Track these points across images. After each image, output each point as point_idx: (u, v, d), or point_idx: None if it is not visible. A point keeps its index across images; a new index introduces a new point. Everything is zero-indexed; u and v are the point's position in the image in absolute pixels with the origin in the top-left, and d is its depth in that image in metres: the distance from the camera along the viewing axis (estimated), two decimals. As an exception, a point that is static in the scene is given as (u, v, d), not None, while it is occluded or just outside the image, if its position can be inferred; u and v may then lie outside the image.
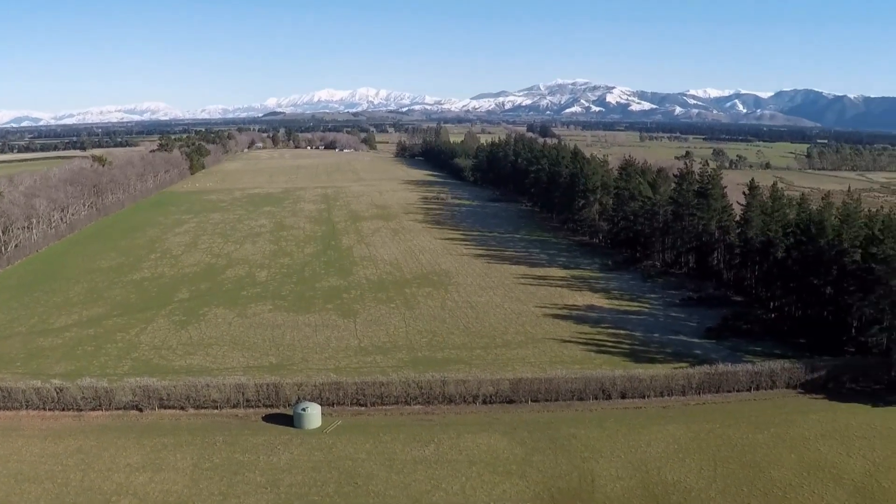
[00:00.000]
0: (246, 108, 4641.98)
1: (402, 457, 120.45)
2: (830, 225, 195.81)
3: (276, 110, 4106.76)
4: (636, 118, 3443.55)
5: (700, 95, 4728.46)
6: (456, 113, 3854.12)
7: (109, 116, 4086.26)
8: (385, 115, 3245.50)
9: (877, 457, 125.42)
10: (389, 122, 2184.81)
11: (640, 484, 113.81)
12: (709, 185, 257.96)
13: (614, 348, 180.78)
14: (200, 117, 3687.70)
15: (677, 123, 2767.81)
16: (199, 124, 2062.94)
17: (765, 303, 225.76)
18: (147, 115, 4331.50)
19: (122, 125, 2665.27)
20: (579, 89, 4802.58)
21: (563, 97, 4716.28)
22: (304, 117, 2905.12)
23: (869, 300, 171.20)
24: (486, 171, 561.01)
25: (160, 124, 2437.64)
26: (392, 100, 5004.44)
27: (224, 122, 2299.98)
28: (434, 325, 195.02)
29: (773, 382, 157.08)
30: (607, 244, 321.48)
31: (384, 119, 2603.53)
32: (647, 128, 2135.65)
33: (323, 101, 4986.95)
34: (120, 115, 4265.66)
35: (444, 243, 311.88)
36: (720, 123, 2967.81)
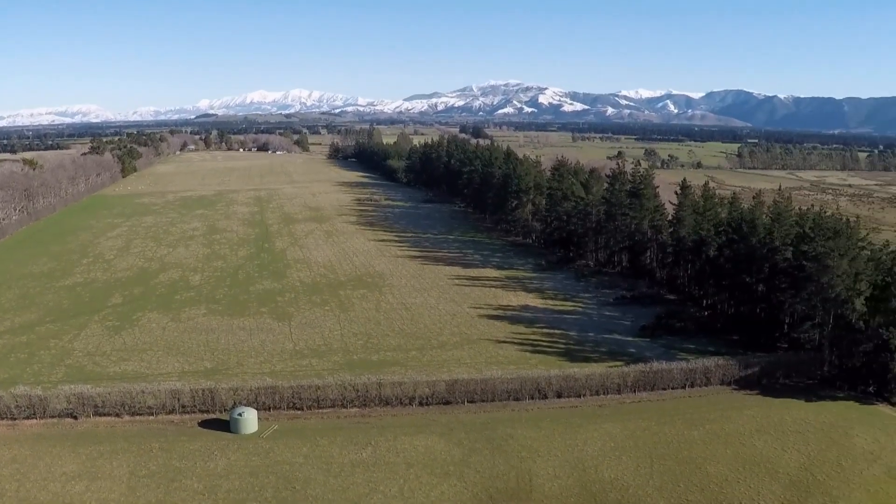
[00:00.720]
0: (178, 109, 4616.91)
1: (339, 460, 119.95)
2: (762, 223, 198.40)
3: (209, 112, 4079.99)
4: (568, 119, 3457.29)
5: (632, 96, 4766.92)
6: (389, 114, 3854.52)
7: (40, 119, 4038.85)
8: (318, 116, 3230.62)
9: (811, 450, 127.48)
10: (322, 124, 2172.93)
11: (577, 482, 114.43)
12: (641, 184, 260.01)
13: (549, 348, 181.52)
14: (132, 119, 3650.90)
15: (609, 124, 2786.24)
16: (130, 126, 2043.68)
17: (698, 301, 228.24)
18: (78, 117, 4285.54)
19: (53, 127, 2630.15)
20: (512, 90, 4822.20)
21: (496, 98, 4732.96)
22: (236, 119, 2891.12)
23: (801, 297, 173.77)
24: (419, 173, 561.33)
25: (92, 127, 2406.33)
26: (325, 101, 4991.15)
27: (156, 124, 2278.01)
28: (369, 328, 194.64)
29: (707, 379, 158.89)
30: (541, 244, 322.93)
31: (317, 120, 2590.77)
32: (580, 128, 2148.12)
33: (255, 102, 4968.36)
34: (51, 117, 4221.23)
35: (377, 245, 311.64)
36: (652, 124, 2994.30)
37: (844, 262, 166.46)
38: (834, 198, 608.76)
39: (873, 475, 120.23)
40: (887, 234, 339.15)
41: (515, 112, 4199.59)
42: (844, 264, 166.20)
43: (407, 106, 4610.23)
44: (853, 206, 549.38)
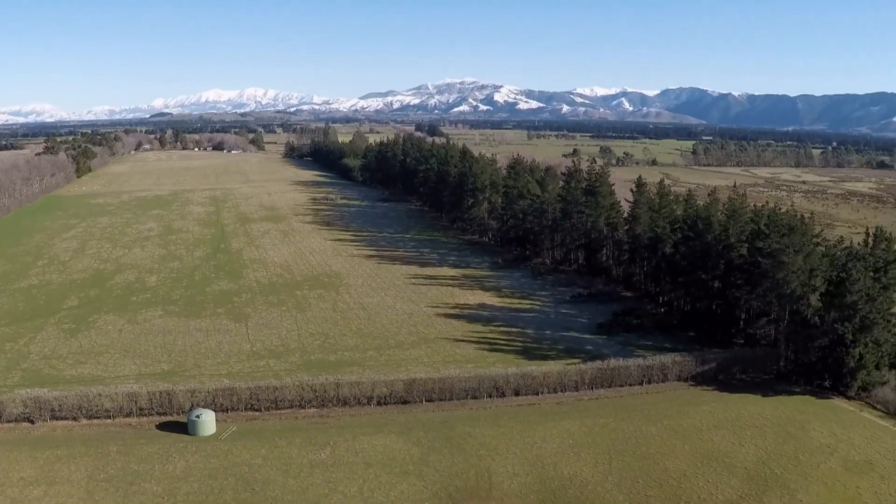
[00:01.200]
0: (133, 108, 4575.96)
1: (298, 461, 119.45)
2: (717, 221, 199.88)
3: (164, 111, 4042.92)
4: (524, 116, 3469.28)
5: (587, 94, 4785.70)
6: (344, 113, 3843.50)
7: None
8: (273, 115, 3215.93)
9: (768, 445, 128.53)
10: (278, 123, 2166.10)
11: (536, 480, 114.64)
12: (597, 182, 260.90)
13: (507, 346, 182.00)
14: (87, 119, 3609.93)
15: (565, 122, 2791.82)
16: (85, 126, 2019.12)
17: (654, 298, 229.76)
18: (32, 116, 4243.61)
19: (6, 127, 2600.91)
20: (467, 88, 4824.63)
21: (452, 96, 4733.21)
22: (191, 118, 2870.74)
23: (756, 293, 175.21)
24: (375, 171, 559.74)
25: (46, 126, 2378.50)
26: (280, 100, 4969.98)
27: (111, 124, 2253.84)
28: (326, 328, 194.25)
29: (664, 376, 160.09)
30: (497, 242, 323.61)
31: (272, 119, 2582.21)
32: (535, 126, 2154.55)
33: (210, 101, 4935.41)
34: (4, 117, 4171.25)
35: (334, 244, 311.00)
36: (607, 121, 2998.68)
37: (799, 258, 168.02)
38: (788, 194, 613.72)
39: (830, 468, 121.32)
40: (841, 230, 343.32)
41: (471, 110, 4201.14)
42: (799, 260, 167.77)
43: (363, 104, 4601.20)
44: (807, 202, 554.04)
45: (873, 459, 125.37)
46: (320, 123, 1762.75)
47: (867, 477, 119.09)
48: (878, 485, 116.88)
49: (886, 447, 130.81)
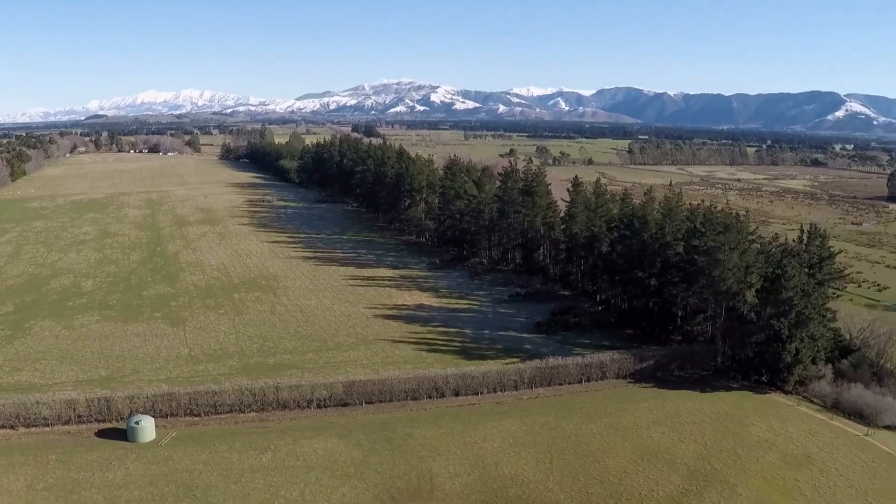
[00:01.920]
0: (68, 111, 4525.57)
1: (239, 466, 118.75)
2: (653, 219, 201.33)
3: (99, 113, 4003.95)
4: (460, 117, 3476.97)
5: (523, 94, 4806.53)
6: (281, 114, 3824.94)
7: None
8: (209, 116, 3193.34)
9: (707, 440, 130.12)
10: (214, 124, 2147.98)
11: (478, 480, 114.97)
12: (533, 182, 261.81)
13: (446, 346, 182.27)
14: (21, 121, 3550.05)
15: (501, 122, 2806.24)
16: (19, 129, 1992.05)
17: (592, 296, 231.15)
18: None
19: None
20: (404, 89, 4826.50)
21: (388, 97, 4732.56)
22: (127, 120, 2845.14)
23: (693, 290, 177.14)
24: (311, 173, 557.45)
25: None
26: (216, 101, 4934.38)
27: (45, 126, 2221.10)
28: (264, 331, 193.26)
29: (603, 373, 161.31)
30: (434, 243, 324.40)
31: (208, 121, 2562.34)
32: (472, 126, 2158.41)
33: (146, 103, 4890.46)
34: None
35: (271, 246, 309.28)
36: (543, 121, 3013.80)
37: (735, 255, 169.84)
38: (724, 192, 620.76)
39: (769, 462, 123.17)
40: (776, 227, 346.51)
41: (408, 111, 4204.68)
42: (735, 258, 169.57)
43: (299, 105, 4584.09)
44: (742, 199, 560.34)
45: (811, 453, 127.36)
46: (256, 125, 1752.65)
47: (806, 470, 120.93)
48: (816, 477, 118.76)
49: (824, 440, 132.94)
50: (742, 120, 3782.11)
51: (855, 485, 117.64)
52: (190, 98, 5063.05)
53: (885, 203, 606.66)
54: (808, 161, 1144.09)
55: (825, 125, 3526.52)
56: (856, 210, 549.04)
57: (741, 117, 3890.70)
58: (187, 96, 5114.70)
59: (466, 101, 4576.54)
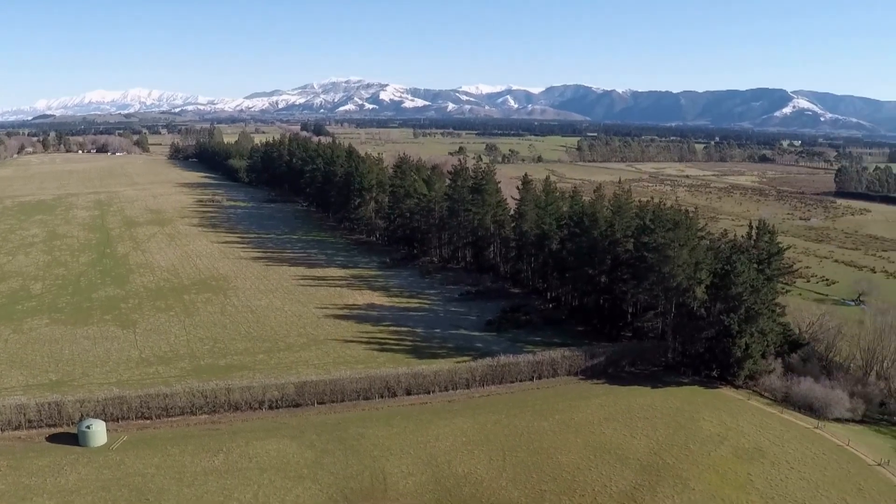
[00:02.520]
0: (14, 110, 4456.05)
1: (191, 469, 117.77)
2: (603, 216, 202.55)
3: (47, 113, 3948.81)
4: (410, 115, 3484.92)
5: (472, 92, 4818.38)
6: (230, 113, 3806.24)
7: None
8: (158, 116, 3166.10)
9: (659, 435, 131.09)
10: (162, 124, 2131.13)
11: (431, 479, 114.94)
12: (483, 180, 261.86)
13: (397, 346, 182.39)
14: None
15: (450, 120, 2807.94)
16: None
17: (542, 293, 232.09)
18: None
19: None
20: (353, 87, 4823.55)
21: (337, 95, 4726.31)
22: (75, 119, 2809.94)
23: (643, 287, 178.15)
24: (261, 172, 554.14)
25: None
26: (165, 100, 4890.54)
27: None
28: (215, 332, 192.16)
29: (554, 371, 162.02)
30: (385, 242, 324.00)
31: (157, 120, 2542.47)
32: (421, 124, 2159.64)
33: (94, 102, 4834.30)
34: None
35: (221, 247, 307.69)
36: (493, 119, 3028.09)
37: (684, 252, 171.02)
38: (672, 189, 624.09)
39: (721, 456, 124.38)
40: (725, 223, 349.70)
41: (357, 109, 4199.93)
42: (684, 254, 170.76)
43: (248, 104, 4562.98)
44: (691, 196, 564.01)
45: (763, 446, 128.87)
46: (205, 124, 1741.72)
47: (757, 463, 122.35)
48: (768, 471, 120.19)
49: (775, 434, 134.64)
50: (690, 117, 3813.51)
51: (806, 477, 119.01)
52: (138, 97, 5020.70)
53: (832, 198, 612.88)
54: (756, 157, 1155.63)
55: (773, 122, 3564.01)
56: (804, 206, 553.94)
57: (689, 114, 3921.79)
58: (135, 95, 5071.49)
59: (416, 99, 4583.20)
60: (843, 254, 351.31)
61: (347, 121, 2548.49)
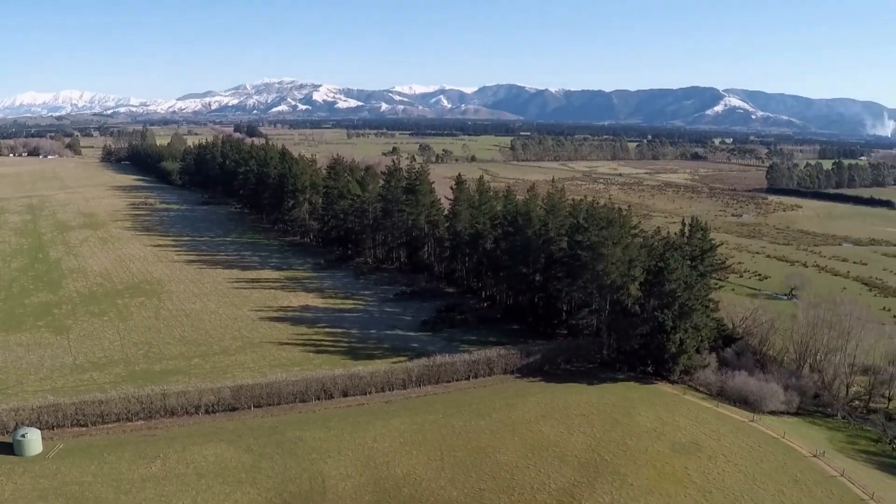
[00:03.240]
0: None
1: (129, 476, 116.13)
2: (537, 215, 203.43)
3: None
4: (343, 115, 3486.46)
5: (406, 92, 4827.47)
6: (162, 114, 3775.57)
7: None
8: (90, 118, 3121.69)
9: (596, 432, 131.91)
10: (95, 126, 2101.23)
11: (370, 480, 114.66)
12: (417, 181, 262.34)
13: (333, 347, 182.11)
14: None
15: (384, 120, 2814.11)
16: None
17: (477, 293, 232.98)
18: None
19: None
20: (286, 88, 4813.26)
21: (270, 96, 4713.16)
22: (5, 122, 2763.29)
23: (577, 285, 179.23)
24: (194, 174, 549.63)
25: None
26: (97, 102, 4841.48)
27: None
28: (150, 336, 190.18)
29: (490, 369, 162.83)
30: (319, 243, 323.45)
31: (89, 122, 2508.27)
32: (354, 125, 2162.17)
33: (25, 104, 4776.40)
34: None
35: (154, 250, 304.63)
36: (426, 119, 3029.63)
37: (618, 249, 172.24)
38: (606, 187, 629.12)
39: (658, 451, 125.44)
40: (658, 220, 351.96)
41: (290, 110, 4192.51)
42: (618, 252, 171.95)
43: (181, 105, 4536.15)
44: (625, 194, 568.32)
45: (699, 440, 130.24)
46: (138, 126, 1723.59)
47: (694, 457, 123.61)
48: (705, 464, 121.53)
49: (711, 427, 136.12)
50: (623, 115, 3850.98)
51: (743, 469, 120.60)
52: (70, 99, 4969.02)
53: (764, 195, 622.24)
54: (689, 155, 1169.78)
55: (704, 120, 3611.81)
56: (736, 202, 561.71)
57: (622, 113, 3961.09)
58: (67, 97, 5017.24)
59: (349, 99, 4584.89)
60: (775, 249, 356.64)
61: (281, 122, 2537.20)
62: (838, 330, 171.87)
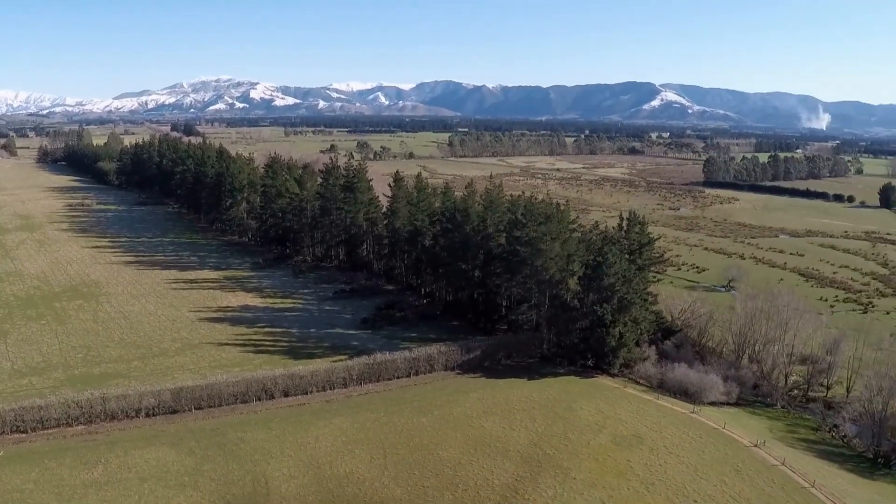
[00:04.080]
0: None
1: (70, 482, 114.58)
2: (475, 212, 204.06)
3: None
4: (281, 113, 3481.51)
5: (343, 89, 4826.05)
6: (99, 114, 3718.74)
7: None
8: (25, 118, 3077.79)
9: (538, 427, 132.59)
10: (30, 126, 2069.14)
11: (313, 480, 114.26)
12: (354, 178, 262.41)
13: (273, 347, 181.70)
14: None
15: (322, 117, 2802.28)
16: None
17: (417, 290, 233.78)
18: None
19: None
20: (223, 86, 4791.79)
21: (207, 94, 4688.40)
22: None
23: (516, 280, 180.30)
24: (131, 174, 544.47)
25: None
26: (32, 102, 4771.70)
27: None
28: (88, 340, 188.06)
29: (431, 366, 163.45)
30: (257, 242, 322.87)
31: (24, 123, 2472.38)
32: (292, 122, 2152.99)
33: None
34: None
35: (92, 252, 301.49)
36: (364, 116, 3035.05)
37: (556, 245, 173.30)
38: (544, 182, 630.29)
39: (600, 444, 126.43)
40: (596, 215, 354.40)
41: (227, 108, 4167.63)
42: (557, 247, 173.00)
43: (117, 105, 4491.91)
44: (562, 189, 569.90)
45: (641, 433, 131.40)
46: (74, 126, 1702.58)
47: (636, 450, 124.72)
48: (647, 456, 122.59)
49: (652, 420, 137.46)
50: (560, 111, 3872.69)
51: (685, 461, 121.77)
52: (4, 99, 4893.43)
53: (701, 188, 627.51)
54: (626, 149, 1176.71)
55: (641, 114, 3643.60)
56: (673, 196, 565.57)
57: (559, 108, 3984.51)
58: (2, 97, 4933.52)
59: (286, 97, 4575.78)
60: (713, 241, 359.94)
61: (218, 120, 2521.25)
62: (776, 321, 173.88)
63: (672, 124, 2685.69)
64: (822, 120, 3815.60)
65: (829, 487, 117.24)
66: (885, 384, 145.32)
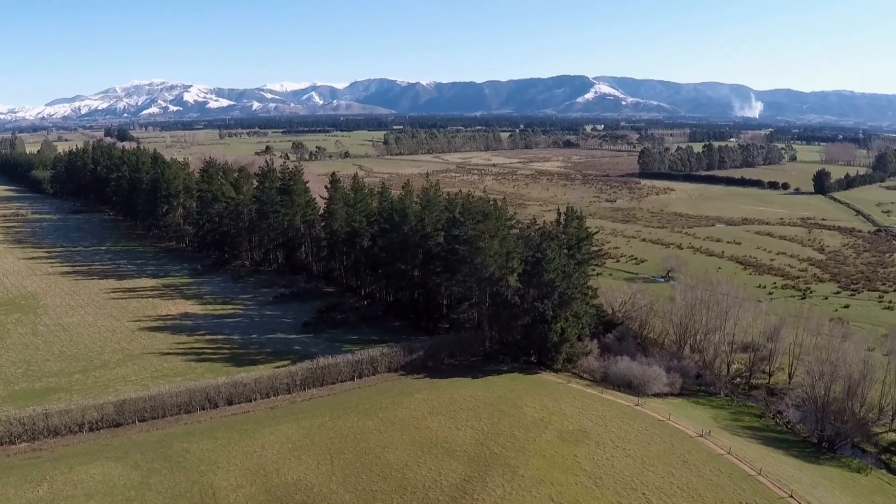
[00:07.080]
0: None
1: (15, 501, 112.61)
2: (413, 211, 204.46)
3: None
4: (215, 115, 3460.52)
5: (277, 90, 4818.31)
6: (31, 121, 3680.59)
7: None
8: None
9: (483, 425, 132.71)
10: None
11: (261, 489, 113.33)
12: (291, 181, 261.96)
13: (215, 355, 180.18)
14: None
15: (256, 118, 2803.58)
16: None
17: (357, 291, 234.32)
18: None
19: None
20: (156, 89, 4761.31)
21: (141, 98, 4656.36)
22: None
23: (456, 279, 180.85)
24: (65, 182, 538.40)
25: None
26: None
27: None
28: (27, 354, 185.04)
29: (374, 368, 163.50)
30: (195, 248, 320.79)
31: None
32: (227, 124, 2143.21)
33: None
34: None
35: (28, 263, 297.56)
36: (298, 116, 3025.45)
37: (495, 242, 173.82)
38: (480, 178, 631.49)
39: (546, 440, 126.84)
40: (533, 209, 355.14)
41: (161, 112, 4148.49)
42: (495, 245, 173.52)
43: (50, 111, 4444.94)
44: (499, 184, 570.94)
45: (586, 427, 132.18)
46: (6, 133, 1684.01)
47: (583, 445, 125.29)
48: (594, 451, 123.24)
49: (597, 414, 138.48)
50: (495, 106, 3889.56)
51: (632, 454, 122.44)
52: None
53: (637, 179, 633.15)
54: (561, 143, 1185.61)
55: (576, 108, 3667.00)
56: (610, 188, 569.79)
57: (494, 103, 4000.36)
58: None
59: (220, 99, 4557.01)
60: (650, 232, 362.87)
61: (152, 124, 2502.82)
62: (716, 310, 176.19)
63: (606, 116, 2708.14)
64: (755, 108, 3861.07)
65: (775, 474, 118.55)
66: (827, 369, 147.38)
